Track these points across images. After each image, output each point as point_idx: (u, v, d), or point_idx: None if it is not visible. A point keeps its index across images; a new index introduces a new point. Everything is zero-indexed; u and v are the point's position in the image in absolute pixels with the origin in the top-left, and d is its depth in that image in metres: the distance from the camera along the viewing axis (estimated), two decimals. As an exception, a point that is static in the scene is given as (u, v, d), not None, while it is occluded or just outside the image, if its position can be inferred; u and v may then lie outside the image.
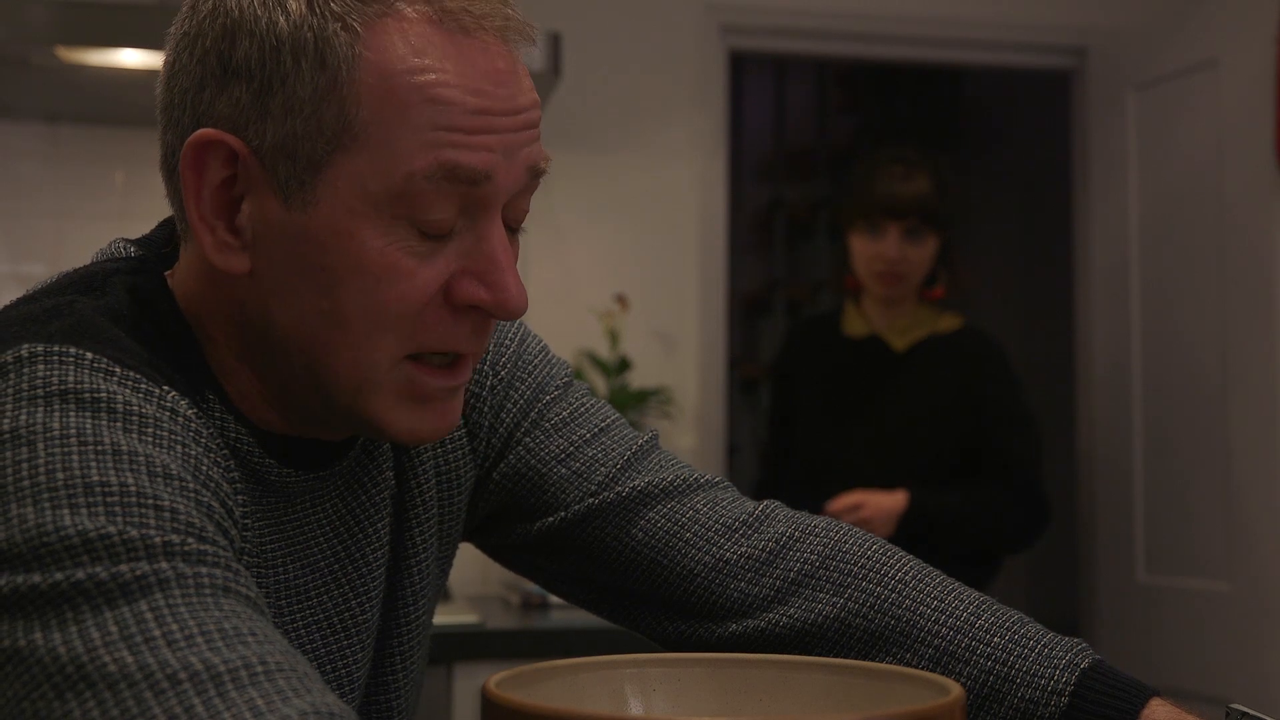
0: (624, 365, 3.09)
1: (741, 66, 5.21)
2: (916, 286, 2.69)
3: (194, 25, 0.81)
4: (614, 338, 3.09)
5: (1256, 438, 2.94)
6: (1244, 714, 0.90)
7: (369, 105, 0.77)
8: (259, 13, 0.78)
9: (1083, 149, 3.55)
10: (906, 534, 2.49)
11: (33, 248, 2.99)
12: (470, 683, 2.38)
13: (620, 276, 3.22)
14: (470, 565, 1.13)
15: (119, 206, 2.97)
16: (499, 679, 0.73)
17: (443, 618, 2.45)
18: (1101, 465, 3.41)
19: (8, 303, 0.84)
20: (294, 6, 0.78)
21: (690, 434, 3.27)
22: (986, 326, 3.00)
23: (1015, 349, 2.91)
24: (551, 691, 0.76)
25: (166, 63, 0.83)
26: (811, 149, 5.42)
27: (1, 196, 3.00)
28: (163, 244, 0.91)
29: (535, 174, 0.83)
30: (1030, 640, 0.96)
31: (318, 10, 0.77)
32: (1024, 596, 4.79)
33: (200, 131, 0.79)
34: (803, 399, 2.79)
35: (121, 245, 0.89)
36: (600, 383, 3.11)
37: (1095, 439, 3.44)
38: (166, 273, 0.88)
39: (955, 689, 0.72)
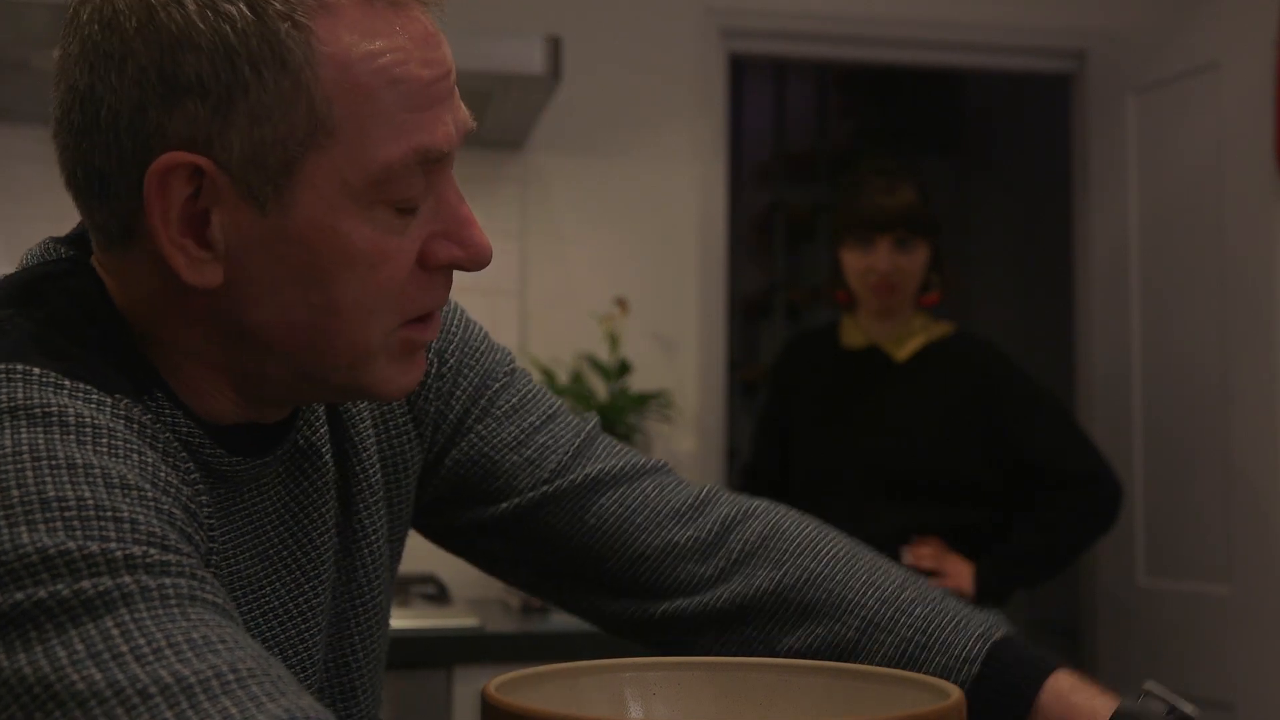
0: (624, 368, 3.09)
1: (741, 70, 5.21)
2: (912, 295, 2.70)
3: (117, 45, 0.76)
4: (614, 341, 3.09)
5: (1257, 441, 2.94)
6: (1157, 696, 0.95)
7: (337, 99, 0.77)
8: (201, 26, 0.75)
9: (1083, 152, 3.55)
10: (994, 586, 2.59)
11: (33, 251, 2.99)
12: (469, 686, 2.38)
13: (620, 280, 3.22)
14: (470, 568, 1.14)
15: (119, 209, 2.97)
16: (498, 682, 0.73)
17: (442, 621, 2.45)
18: (1101, 469, 3.40)
19: None
20: (235, 14, 0.75)
21: (690, 437, 3.27)
22: (987, 330, 2.99)
23: (1015, 353, 2.90)
24: (551, 695, 0.76)
25: (75, 86, 0.79)
26: (811, 152, 5.42)
27: (0, 199, 3.00)
28: (87, 240, 0.89)
29: (469, 131, 0.85)
30: (949, 613, 1.02)
31: (261, 12, 0.75)
32: (1024, 599, 4.78)
33: (166, 156, 0.76)
34: (802, 413, 2.78)
35: (52, 246, 0.88)
36: (600, 386, 3.11)
37: (1095, 441, 3.44)
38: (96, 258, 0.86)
39: (955, 692, 0.72)
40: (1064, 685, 0.97)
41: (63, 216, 3.22)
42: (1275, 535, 2.90)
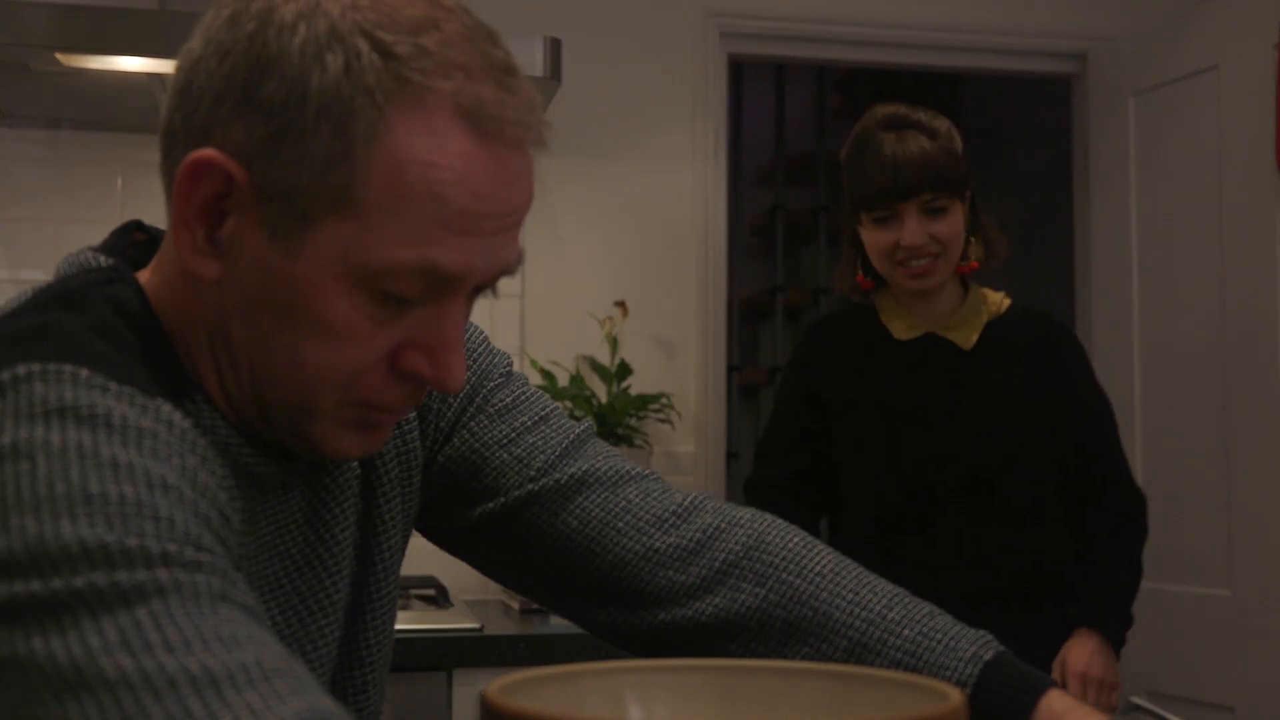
0: (624, 371, 3.09)
1: (741, 72, 5.22)
2: (953, 267, 2.20)
3: (229, 37, 0.81)
4: (614, 343, 3.09)
5: (1257, 444, 2.94)
6: (1142, 706, 0.94)
7: (375, 185, 0.79)
8: (295, 60, 0.78)
9: (1083, 155, 3.55)
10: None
11: (32, 253, 2.99)
12: (469, 689, 2.38)
13: (620, 282, 3.22)
14: (470, 571, 1.14)
15: (118, 212, 2.97)
16: (499, 685, 0.73)
17: (442, 623, 2.45)
18: (1102, 471, 3.40)
19: None
20: (331, 65, 0.78)
21: (690, 440, 3.26)
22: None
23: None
24: (551, 698, 0.76)
25: (192, 50, 0.83)
26: (811, 154, 5.42)
27: (1, 202, 3.00)
28: (124, 250, 0.93)
29: (506, 273, 0.86)
30: (938, 633, 1.01)
31: (352, 78, 0.78)
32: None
33: (207, 151, 0.80)
34: (849, 418, 2.26)
35: (91, 256, 0.91)
36: (600, 388, 3.11)
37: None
38: (141, 274, 0.90)
39: (955, 696, 0.72)
40: (1057, 706, 0.97)
41: (62, 219, 3.22)
42: (1276, 539, 2.90)
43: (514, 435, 1.06)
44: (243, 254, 0.82)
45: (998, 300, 2.28)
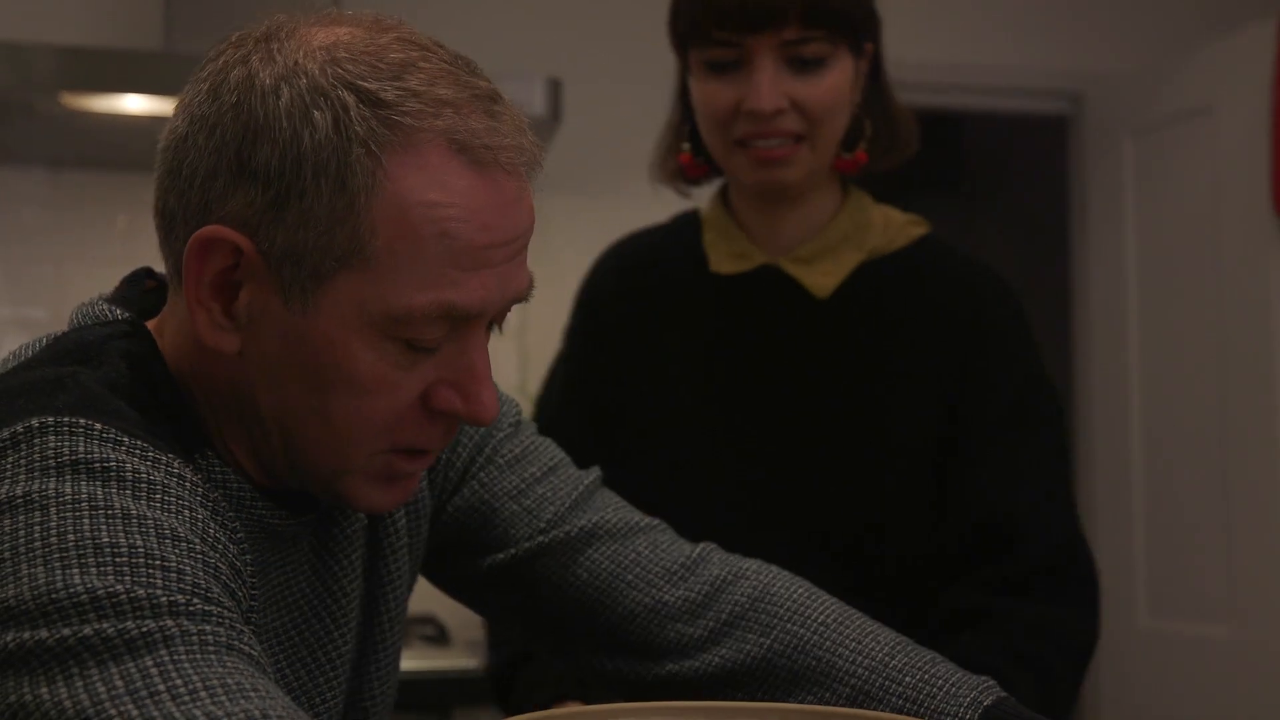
0: (623, 409, 3.08)
1: (740, 112, 5.24)
2: (830, 158, 1.37)
3: (213, 111, 0.80)
4: (613, 381, 3.09)
5: (1256, 482, 2.94)
6: None
7: (383, 233, 0.79)
8: (284, 123, 0.78)
9: (1080, 194, 3.56)
10: None
11: (35, 292, 3.00)
12: (469, 728, 2.37)
13: (620, 320, 3.22)
14: (470, 609, 1.14)
15: (121, 251, 2.98)
16: (496, 723, 0.73)
17: (442, 662, 2.44)
18: (1102, 509, 3.40)
19: (3, 370, 0.85)
20: (320, 123, 0.78)
21: (690, 478, 3.26)
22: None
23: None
24: (549, 736, 0.76)
25: (176, 129, 0.83)
26: (810, 194, 5.43)
27: (4, 241, 3.01)
28: (136, 300, 0.93)
29: (519, 300, 0.86)
30: (940, 680, 1.01)
31: (343, 131, 0.78)
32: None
33: (212, 228, 0.80)
34: (634, 398, 1.43)
35: (106, 308, 0.91)
36: (600, 426, 3.10)
37: (1095, 483, 3.44)
38: (151, 323, 0.90)
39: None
40: None
41: (63, 259, 3.23)
42: (1276, 576, 2.90)
43: (524, 486, 1.06)
44: (261, 323, 0.82)
45: (899, 225, 1.43)
